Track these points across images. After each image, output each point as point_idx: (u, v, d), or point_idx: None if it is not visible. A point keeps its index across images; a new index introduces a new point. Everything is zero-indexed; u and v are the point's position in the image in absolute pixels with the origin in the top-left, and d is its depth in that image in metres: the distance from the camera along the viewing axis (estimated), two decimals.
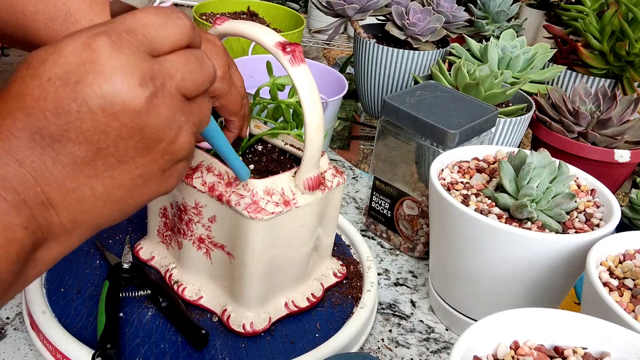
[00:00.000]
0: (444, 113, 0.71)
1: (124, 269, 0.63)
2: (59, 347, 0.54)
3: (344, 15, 1.00)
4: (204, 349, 0.56)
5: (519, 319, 0.43)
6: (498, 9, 1.08)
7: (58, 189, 0.29)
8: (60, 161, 0.29)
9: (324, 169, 0.59)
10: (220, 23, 0.53)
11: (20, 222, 0.28)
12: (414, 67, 0.99)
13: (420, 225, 0.75)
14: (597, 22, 0.98)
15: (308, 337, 0.60)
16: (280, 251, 0.57)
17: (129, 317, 0.59)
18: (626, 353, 0.42)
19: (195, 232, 0.59)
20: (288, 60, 0.49)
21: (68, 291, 0.61)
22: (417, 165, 0.73)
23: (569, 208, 0.60)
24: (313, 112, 0.51)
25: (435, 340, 0.65)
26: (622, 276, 0.50)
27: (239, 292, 0.58)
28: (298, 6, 1.87)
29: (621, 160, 0.81)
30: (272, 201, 0.53)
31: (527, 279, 0.57)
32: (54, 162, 0.29)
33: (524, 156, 0.60)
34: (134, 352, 0.55)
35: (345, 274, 0.68)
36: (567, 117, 0.84)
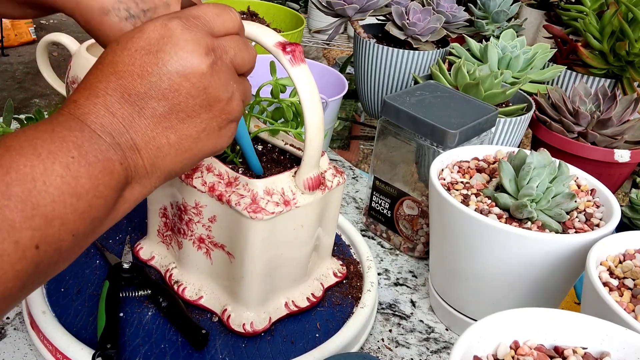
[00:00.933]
0: (444, 113, 0.71)
1: (124, 269, 0.63)
2: (59, 347, 0.54)
3: (344, 15, 1.00)
4: (204, 349, 0.56)
5: (519, 319, 0.43)
6: (498, 9, 1.08)
7: (142, 136, 0.37)
8: (143, 114, 0.37)
9: (324, 168, 0.59)
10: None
11: (117, 158, 0.35)
12: (414, 67, 0.99)
13: (420, 225, 0.75)
14: (597, 22, 0.98)
15: (308, 337, 0.60)
16: (280, 251, 0.57)
17: (129, 317, 0.59)
18: (626, 353, 0.42)
19: (196, 232, 0.59)
20: (288, 60, 0.49)
21: (68, 291, 0.61)
22: (417, 165, 0.73)
23: (569, 208, 0.60)
24: (313, 112, 0.51)
25: (435, 340, 0.65)
26: (622, 276, 0.51)
27: (239, 292, 0.58)
28: (298, 6, 1.87)
29: (621, 160, 0.81)
30: (272, 201, 0.53)
31: (527, 279, 0.58)
32: (139, 115, 0.36)
33: (524, 156, 0.60)
34: (134, 352, 0.55)
35: (345, 273, 0.68)
36: (567, 117, 0.84)
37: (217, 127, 0.40)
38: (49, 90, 2.84)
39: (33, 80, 2.96)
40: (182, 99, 0.37)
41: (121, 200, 0.37)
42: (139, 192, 0.38)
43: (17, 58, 3.23)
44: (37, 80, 2.93)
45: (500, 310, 0.43)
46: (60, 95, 0.95)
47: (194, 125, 0.39)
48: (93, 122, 0.35)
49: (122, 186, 0.36)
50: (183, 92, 0.37)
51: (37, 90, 2.87)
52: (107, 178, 0.35)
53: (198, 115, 0.38)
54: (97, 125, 0.35)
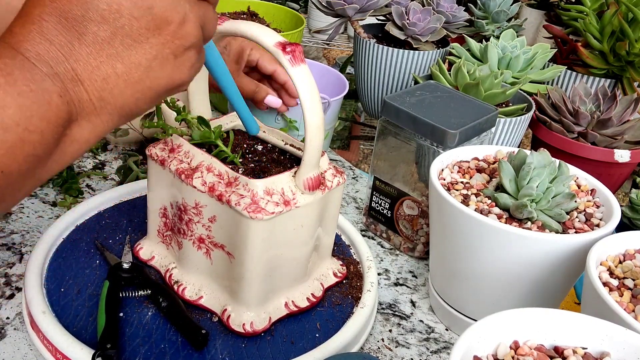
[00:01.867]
0: (444, 113, 0.71)
1: (124, 269, 0.63)
2: (59, 347, 0.54)
3: (344, 15, 1.00)
4: (204, 349, 0.56)
5: (519, 319, 0.43)
6: (498, 9, 1.08)
7: (84, 66, 0.33)
8: (84, 41, 0.33)
9: (324, 168, 0.59)
10: (220, 23, 0.53)
11: (55, 90, 0.32)
12: (414, 67, 0.99)
13: (420, 225, 0.75)
14: (597, 22, 0.98)
15: (308, 337, 0.60)
16: (280, 251, 0.57)
17: (129, 317, 0.59)
18: (626, 353, 0.42)
19: (196, 232, 0.59)
20: (288, 60, 0.49)
21: (68, 291, 0.61)
22: (417, 165, 0.73)
23: (569, 208, 0.60)
24: (313, 112, 0.51)
25: (435, 340, 0.65)
26: (622, 276, 0.51)
27: (239, 292, 0.58)
28: (298, 6, 1.87)
29: (621, 160, 0.81)
30: (272, 201, 0.53)
31: (527, 279, 0.58)
32: (79, 42, 0.33)
33: (524, 156, 0.60)
34: (134, 352, 0.55)
35: (345, 274, 0.68)
36: (567, 117, 0.84)
37: (171, 54, 0.36)
38: None
39: None
40: (124, 21, 0.34)
41: (66, 139, 0.34)
42: (89, 132, 0.35)
43: None
44: None
45: (500, 310, 0.43)
46: None
47: (143, 51, 0.35)
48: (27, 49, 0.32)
49: (64, 122, 0.33)
50: (125, 12, 0.34)
51: None
52: (42, 110, 0.31)
53: (146, 40, 0.35)
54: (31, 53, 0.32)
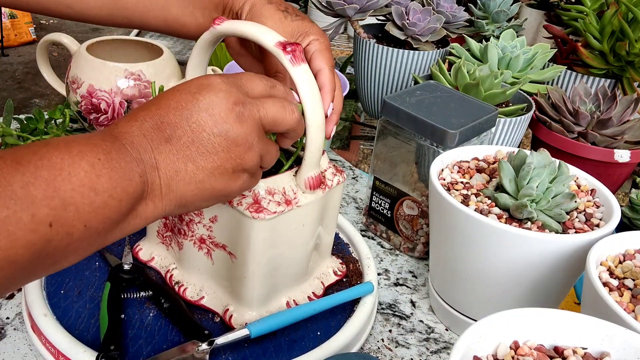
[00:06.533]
0: (444, 113, 0.71)
1: (124, 270, 0.63)
2: (62, 349, 0.54)
3: (344, 15, 1.00)
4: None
5: (519, 319, 0.43)
6: (498, 9, 1.08)
7: (164, 158, 0.41)
8: (170, 141, 0.42)
9: (324, 168, 0.59)
10: (219, 23, 0.52)
11: (138, 171, 0.40)
12: (414, 67, 0.99)
13: (420, 225, 0.75)
14: (597, 22, 0.98)
15: (310, 335, 0.60)
16: (281, 250, 0.57)
17: (130, 318, 0.59)
18: (626, 353, 0.42)
19: (196, 233, 0.59)
20: (289, 60, 0.49)
21: (68, 293, 0.61)
22: (417, 165, 0.73)
23: (569, 208, 0.60)
24: (314, 111, 0.51)
25: (435, 340, 0.65)
26: (622, 276, 0.51)
27: (240, 291, 0.58)
28: (298, 6, 1.87)
29: (621, 160, 0.81)
30: (273, 201, 0.53)
31: (527, 279, 0.58)
32: (166, 141, 0.42)
33: (524, 156, 0.60)
34: (137, 354, 0.55)
35: (345, 272, 0.68)
36: (567, 117, 0.84)
37: (230, 169, 0.44)
38: (48, 90, 2.84)
39: (33, 80, 2.96)
40: (204, 135, 0.42)
41: (134, 213, 0.40)
42: (151, 211, 0.42)
43: (17, 58, 3.23)
44: (37, 80, 2.93)
45: (500, 310, 0.43)
46: (60, 95, 0.95)
47: (211, 160, 0.43)
48: (126, 139, 0.40)
49: (137, 196, 0.40)
50: (207, 129, 0.42)
51: (37, 90, 2.87)
52: (125, 184, 0.38)
53: (216, 152, 0.43)
54: (128, 142, 0.40)
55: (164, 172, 0.41)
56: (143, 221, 0.41)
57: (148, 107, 0.43)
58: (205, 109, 0.42)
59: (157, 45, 0.94)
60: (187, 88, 0.44)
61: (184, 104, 0.42)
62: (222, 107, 0.43)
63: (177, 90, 0.44)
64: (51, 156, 0.36)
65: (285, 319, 0.58)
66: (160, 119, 0.42)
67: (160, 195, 0.42)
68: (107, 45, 0.94)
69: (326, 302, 0.61)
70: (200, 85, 0.43)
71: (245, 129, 0.43)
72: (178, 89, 0.44)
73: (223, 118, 0.42)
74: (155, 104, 0.43)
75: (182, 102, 0.43)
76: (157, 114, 0.42)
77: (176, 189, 0.42)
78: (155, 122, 0.42)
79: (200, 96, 0.43)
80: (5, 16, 3.32)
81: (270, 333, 0.58)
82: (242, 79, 0.46)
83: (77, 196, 0.36)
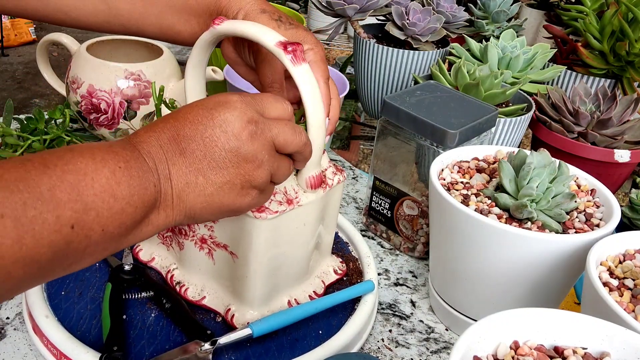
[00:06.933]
0: (444, 113, 0.71)
1: (125, 270, 0.63)
2: (65, 351, 0.54)
3: (344, 15, 1.00)
4: None
5: (519, 319, 0.43)
6: (498, 9, 1.08)
7: (177, 169, 0.43)
8: (184, 153, 0.43)
9: (325, 167, 0.59)
10: (219, 23, 0.52)
11: (153, 180, 0.42)
12: (414, 67, 0.99)
13: (420, 225, 0.75)
14: (597, 22, 0.98)
15: (312, 334, 0.60)
16: (283, 249, 0.57)
17: (132, 319, 0.59)
18: (626, 353, 0.42)
19: (197, 233, 0.59)
20: (290, 59, 0.49)
21: (69, 294, 0.61)
22: (417, 165, 0.73)
23: (569, 208, 0.60)
24: (315, 111, 0.51)
25: (435, 340, 0.66)
26: (622, 276, 0.51)
27: (242, 291, 0.58)
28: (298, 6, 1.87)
29: (621, 160, 0.81)
30: (275, 200, 0.54)
31: (527, 279, 0.58)
32: (180, 153, 0.43)
33: (524, 156, 0.60)
34: (140, 354, 0.55)
35: (345, 271, 0.68)
36: (567, 117, 0.84)
37: (239, 184, 0.45)
38: (49, 90, 2.84)
39: (33, 80, 2.96)
40: (216, 150, 0.44)
41: (146, 221, 0.42)
42: (162, 220, 0.43)
43: (17, 58, 3.23)
44: (37, 80, 2.93)
45: (500, 310, 0.43)
46: (60, 95, 0.95)
47: (221, 175, 0.44)
48: (144, 148, 0.43)
49: (151, 204, 0.42)
50: (219, 144, 0.44)
51: (37, 90, 2.87)
52: (141, 192, 0.40)
53: (226, 167, 0.44)
54: (145, 151, 0.43)
55: (176, 183, 0.43)
56: (154, 229, 0.43)
57: (167, 119, 0.45)
58: (220, 125, 0.44)
59: (157, 45, 0.94)
60: (205, 104, 0.45)
61: (200, 119, 0.44)
62: (235, 125, 0.44)
63: (196, 106, 0.45)
64: (76, 161, 0.38)
65: (287, 318, 0.58)
66: (177, 131, 0.44)
67: (171, 205, 0.43)
68: (107, 45, 0.94)
69: (327, 300, 0.61)
70: (218, 102, 0.45)
71: (256, 146, 0.45)
72: (197, 104, 0.46)
73: (235, 135, 0.44)
74: (174, 117, 0.45)
75: (198, 117, 0.44)
76: (174, 126, 0.44)
77: (186, 200, 0.44)
78: (172, 134, 0.44)
79: (216, 112, 0.44)
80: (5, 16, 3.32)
81: (272, 332, 0.58)
82: (263, 99, 0.48)
83: (98, 201, 0.38)
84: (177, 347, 0.55)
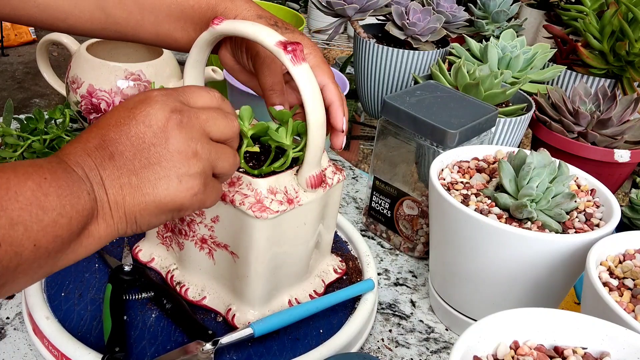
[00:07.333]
0: (444, 113, 0.71)
1: (125, 271, 0.63)
2: (66, 352, 0.54)
3: (344, 15, 1.00)
4: None
5: (519, 319, 0.43)
6: (498, 9, 1.08)
7: (108, 174, 0.41)
8: (113, 157, 0.42)
9: (324, 166, 0.59)
10: (218, 22, 0.52)
11: (85, 188, 0.40)
12: (414, 67, 0.99)
13: (420, 225, 0.75)
14: (597, 22, 0.98)
15: (313, 333, 0.60)
16: (283, 249, 0.57)
17: (133, 319, 0.59)
18: (626, 353, 0.42)
19: (198, 233, 0.59)
20: (289, 59, 0.49)
21: (69, 296, 0.61)
22: (417, 165, 0.73)
23: (569, 208, 0.60)
24: (315, 110, 0.51)
25: (435, 340, 0.66)
26: (622, 276, 0.51)
27: (243, 290, 0.58)
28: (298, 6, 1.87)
29: (621, 160, 0.81)
30: (276, 200, 0.54)
31: (527, 279, 0.58)
32: (109, 158, 0.42)
33: (524, 156, 0.60)
34: (141, 355, 0.55)
35: (345, 270, 0.68)
36: (567, 117, 0.84)
37: (175, 177, 0.43)
38: (49, 90, 2.84)
39: (33, 80, 2.96)
40: (145, 146, 0.42)
41: (86, 232, 0.40)
42: (103, 230, 0.41)
43: (17, 58, 3.23)
44: (37, 80, 2.93)
45: (500, 310, 0.43)
46: (60, 95, 0.95)
47: (154, 171, 0.42)
48: (70, 159, 0.41)
49: (87, 214, 0.40)
50: (146, 139, 0.42)
51: (37, 90, 2.87)
52: (74, 201, 0.38)
53: (158, 162, 0.42)
54: (73, 162, 0.41)
55: (110, 188, 0.41)
56: (96, 241, 0.41)
57: (90, 129, 0.43)
58: (143, 120, 0.43)
59: None
60: (125, 105, 0.44)
61: (122, 120, 0.43)
62: (158, 117, 0.43)
63: (116, 109, 0.44)
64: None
65: (288, 317, 0.58)
66: (102, 137, 0.42)
67: (110, 213, 0.41)
68: (107, 45, 0.94)
69: (328, 299, 0.61)
70: (138, 101, 0.44)
71: (185, 134, 0.43)
72: (117, 108, 0.44)
73: (161, 127, 0.42)
74: (96, 125, 0.43)
75: (121, 119, 0.43)
76: (98, 134, 0.43)
77: (124, 205, 0.42)
78: (98, 141, 0.42)
79: (137, 110, 0.43)
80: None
81: (273, 332, 0.58)
82: (185, 91, 0.47)
83: (25, 214, 0.36)
84: (179, 348, 0.55)
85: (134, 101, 0.44)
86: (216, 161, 0.45)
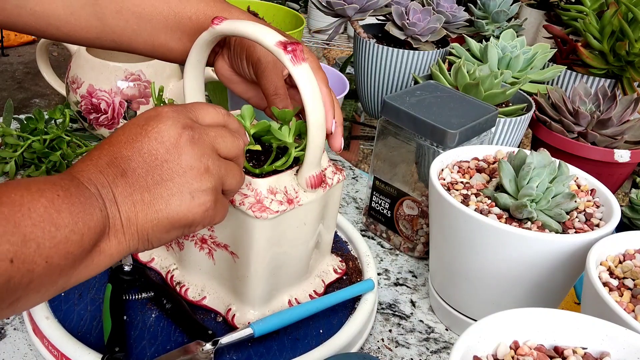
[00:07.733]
0: (444, 113, 0.71)
1: (125, 271, 0.63)
2: (66, 352, 0.54)
3: (344, 15, 1.00)
4: None
5: (519, 319, 0.43)
6: (498, 9, 1.08)
7: (121, 191, 0.41)
8: (125, 174, 0.42)
9: (324, 166, 0.59)
10: (218, 23, 0.52)
11: (97, 205, 0.40)
12: (414, 67, 0.99)
13: (420, 225, 0.75)
14: (597, 22, 0.98)
15: (313, 333, 0.60)
16: (283, 249, 0.57)
17: (133, 319, 0.59)
18: (626, 353, 0.42)
19: (198, 233, 0.59)
20: (289, 59, 0.49)
21: (69, 296, 0.61)
22: (417, 165, 0.73)
23: (569, 208, 0.60)
24: (315, 110, 0.51)
25: (435, 340, 0.66)
26: (622, 276, 0.51)
27: (243, 291, 0.58)
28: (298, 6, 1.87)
29: (621, 160, 0.81)
30: (276, 200, 0.54)
31: (527, 279, 0.58)
32: (122, 175, 0.42)
33: (524, 156, 0.60)
34: (141, 355, 0.55)
35: (344, 270, 0.68)
36: (567, 117, 0.84)
37: (188, 193, 0.43)
38: (49, 90, 2.84)
39: (33, 80, 2.96)
40: (157, 163, 0.43)
41: (97, 249, 0.40)
42: (115, 247, 0.41)
43: (17, 58, 3.23)
44: (37, 80, 2.93)
45: (500, 310, 0.43)
46: (60, 95, 0.95)
47: (167, 188, 0.43)
48: (83, 176, 0.41)
49: (99, 231, 0.40)
50: (159, 156, 0.43)
51: (37, 90, 2.87)
52: (86, 218, 0.38)
53: (171, 179, 0.43)
54: (86, 179, 0.41)
55: (122, 205, 0.41)
56: (108, 258, 0.41)
57: (102, 146, 0.44)
58: (155, 137, 0.43)
59: None
60: (136, 122, 0.44)
61: (134, 137, 0.43)
62: (171, 133, 0.43)
63: (127, 126, 0.44)
64: (10, 194, 0.36)
65: (288, 317, 0.58)
66: (114, 154, 0.42)
67: (122, 230, 0.41)
68: None
69: (328, 300, 0.61)
70: (149, 117, 0.44)
71: (197, 151, 0.44)
72: (128, 124, 0.44)
73: (173, 143, 0.43)
74: (108, 142, 0.44)
75: (132, 136, 0.43)
76: (110, 151, 0.43)
77: (136, 222, 0.42)
78: (110, 158, 0.42)
79: (149, 127, 0.43)
80: None
81: (273, 332, 0.58)
82: (193, 107, 0.47)
83: (38, 231, 0.36)
84: (179, 348, 0.55)
85: (144, 117, 0.44)
86: (225, 177, 0.46)
